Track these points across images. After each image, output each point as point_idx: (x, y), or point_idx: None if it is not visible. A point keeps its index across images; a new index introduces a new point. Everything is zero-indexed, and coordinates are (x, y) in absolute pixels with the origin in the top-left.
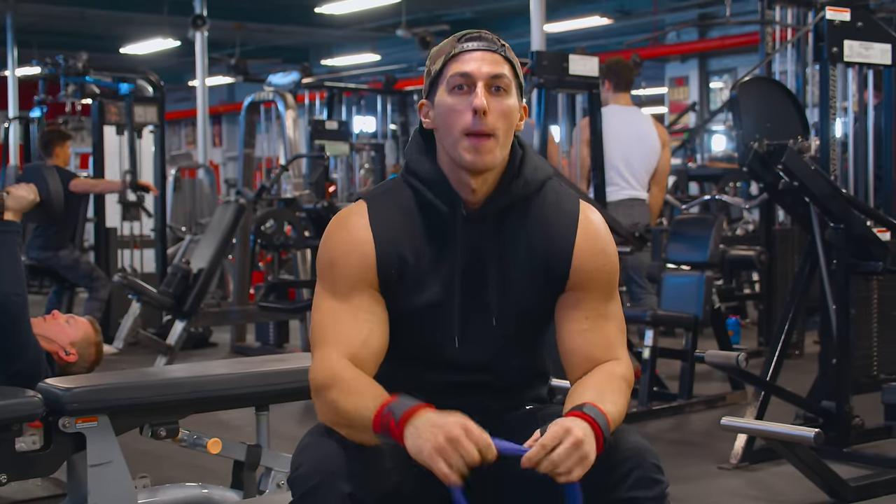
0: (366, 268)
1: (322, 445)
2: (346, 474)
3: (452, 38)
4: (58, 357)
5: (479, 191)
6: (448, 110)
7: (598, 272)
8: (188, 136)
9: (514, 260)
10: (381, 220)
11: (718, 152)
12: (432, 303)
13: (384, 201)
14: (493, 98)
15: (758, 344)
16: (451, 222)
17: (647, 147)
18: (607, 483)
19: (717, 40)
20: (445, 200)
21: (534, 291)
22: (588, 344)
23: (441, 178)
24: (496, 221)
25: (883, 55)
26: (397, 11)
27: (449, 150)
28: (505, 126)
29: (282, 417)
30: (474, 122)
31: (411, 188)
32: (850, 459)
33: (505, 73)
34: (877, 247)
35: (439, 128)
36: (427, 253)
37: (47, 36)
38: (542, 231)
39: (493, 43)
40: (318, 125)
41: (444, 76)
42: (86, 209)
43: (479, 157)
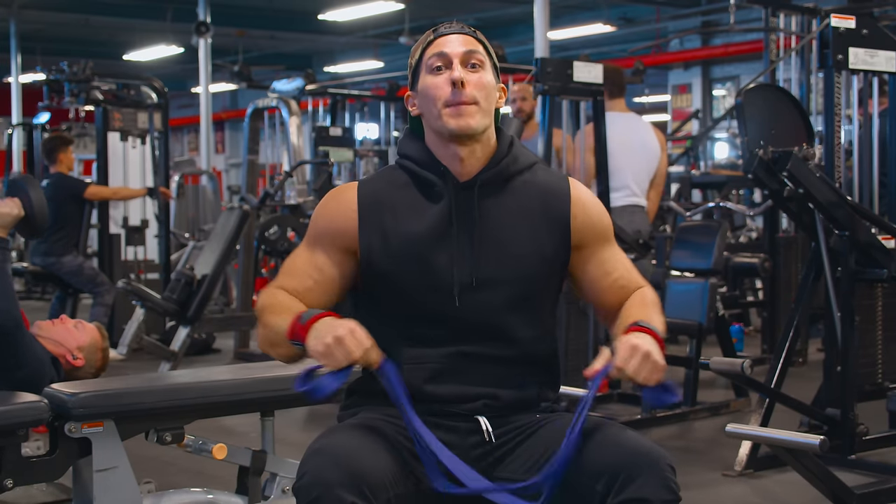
0: (346, 228)
1: (326, 455)
2: (350, 484)
3: (428, 32)
4: (64, 361)
5: (467, 163)
6: (429, 88)
7: (597, 223)
8: (191, 142)
9: (510, 221)
10: (369, 192)
11: (721, 160)
12: (426, 262)
13: (376, 180)
14: (470, 73)
15: (761, 351)
16: (443, 191)
17: (649, 153)
18: (620, 483)
19: (720, 48)
20: (434, 172)
21: (534, 248)
22: (618, 282)
23: (430, 154)
24: (489, 190)
25: (888, 62)
26: (400, 19)
27: (434, 124)
28: (484, 96)
29: (287, 423)
30: (454, 94)
31: (403, 168)
32: (854, 467)
33: (478, 49)
34: (882, 254)
35: (424, 109)
36: (416, 216)
37: (51, 43)
38: (537, 194)
39: (465, 28)
40: (322, 131)
41: (423, 62)
42: (90, 215)
43: (461, 120)
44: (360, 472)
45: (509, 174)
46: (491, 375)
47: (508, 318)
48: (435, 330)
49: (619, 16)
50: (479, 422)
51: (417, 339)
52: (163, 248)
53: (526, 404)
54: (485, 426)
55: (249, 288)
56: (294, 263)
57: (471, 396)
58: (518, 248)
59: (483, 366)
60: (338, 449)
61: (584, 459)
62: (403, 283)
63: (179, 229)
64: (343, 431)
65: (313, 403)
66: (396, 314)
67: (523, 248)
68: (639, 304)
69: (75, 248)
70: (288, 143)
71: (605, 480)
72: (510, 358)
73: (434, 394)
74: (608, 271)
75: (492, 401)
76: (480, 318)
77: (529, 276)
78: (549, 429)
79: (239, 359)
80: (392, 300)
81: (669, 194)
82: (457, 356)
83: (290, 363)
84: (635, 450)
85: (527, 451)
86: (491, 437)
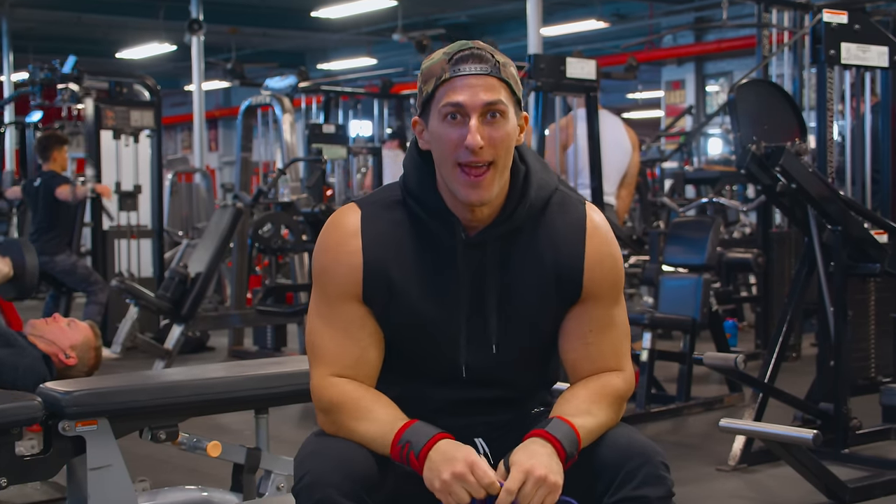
0: (353, 280)
1: (325, 455)
2: (350, 489)
3: (444, 58)
4: (57, 360)
5: (478, 212)
6: (441, 140)
7: (607, 279)
8: (184, 140)
9: (520, 279)
10: (372, 233)
11: (715, 155)
12: (431, 322)
13: (379, 213)
14: (489, 126)
15: (755, 347)
16: (452, 248)
17: (620, 151)
18: (616, 481)
19: (713, 44)
20: (445, 226)
21: (544, 308)
22: (590, 357)
23: (439, 203)
24: (499, 244)
25: (880, 58)
26: (393, 15)
27: (445, 178)
28: (503, 152)
29: (281, 420)
30: (468, 155)
31: (408, 210)
32: (848, 461)
33: (500, 98)
34: (874, 249)
35: (434, 153)
36: (421, 271)
37: (43, 41)
38: (550, 247)
39: (487, 63)
40: (315, 129)
41: (435, 101)
42: (82, 214)
43: (474, 193)
44: (360, 474)
45: (522, 224)
46: (490, 411)
47: (514, 374)
48: (437, 385)
49: (612, 12)
50: (477, 444)
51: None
52: (156, 247)
53: (523, 417)
54: (483, 448)
55: (243, 286)
56: (329, 335)
57: (469, 424)
58: (527, 310)
59: (483, 406)
60: (334, 450)
61: (582, 458)
62: (407, 340)
63: (173, 227)
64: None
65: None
66: (397, 368)
67: (533, 311)
68: (588, 393)
69: (68, 246)
70: (281, 141)
71: (602, 479)
72: (511, 398)
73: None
74: (591, 339)
75: (489, 424)
76: (485, 373)
77: (537, 334)
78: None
79: (233, 357)
80: (393, 356)
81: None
82: (457, 402)
83: None
84: (630, 447)
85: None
86: (489, 458)
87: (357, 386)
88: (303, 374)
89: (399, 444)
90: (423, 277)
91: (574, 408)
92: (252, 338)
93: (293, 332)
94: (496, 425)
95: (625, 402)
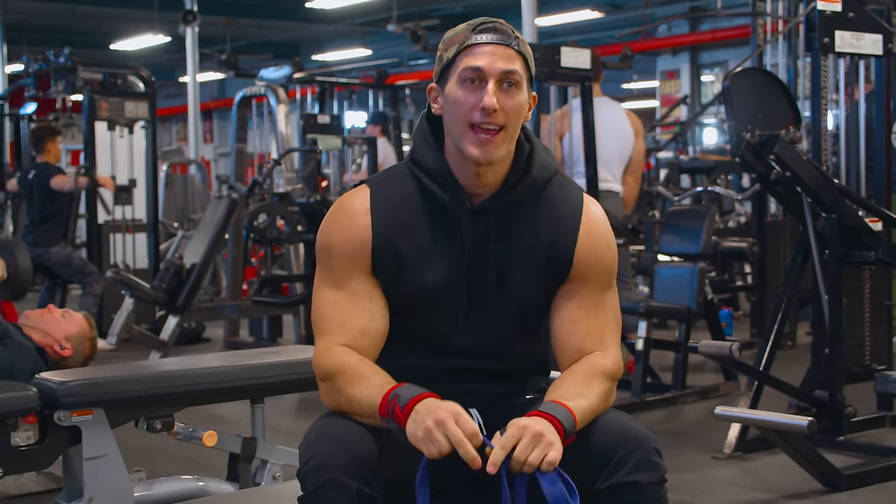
0: (362, 254)
1: (331, 439)
2: (356, 471)
3: (467, 27)
4: (52, 351)
5: (485, 183)
6: (457, 102)
7: (598, 265)
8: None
9: (517, 253)
10: (382, 206)
11: (710, 145)
12: (434, 291)
13: (387, 188)
14: (504, 94)
15: (750, 335)
16: (456, 214)
17: (620, 138)
18: (609, 467)
19: (708, 33)
20: (450, 193)
21: (535, 284)
22: (578, 333)
23: (446, 170)
24: (501, 215)
25: (874, 45)
26: (388, 6)
27: (456, 140)
28: (514, 120)
29: (277, 410)
30: (482, 117)
31: (416, 178)
32: (842, 448)
33: (517, 68)
34: (869, 237)
35: (447, 116)
36: (428, 242)
37: (37, 33)
38: (547, 224)
39: (508, 36)
40: (310, 119)
41: (455, 66)
42: (77, 205)
43: (485, 152)
44: (364, 457)
45: (524, 197)
46: (485, 382)
47: (509, 342)
48: (434, 348)
49: (606, 2)
50: (472, 413)
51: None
52: (151, 239)
53: (516, 393)
54: (477, 419)
55: (239, 277)
56: (335, 307)
57: (463, 391)
58: (522, 282)
59: (479, 376)
60: (341, 433)
61: (574, 444)
62: (410, 310)
63: (168, 219)
64: (343, 419)
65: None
66: (398, 337)
67: (526, 283)
68: (577, 375)
69: (63, 238)
70: (276, 132)
71: (594, 465)
72: (506, 371)
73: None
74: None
75: (484, 395)
76: (480, 345)
77: (530, 308)
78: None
79: (229, 347)
80: (394, 326)
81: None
82: (454, 370)
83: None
84: (622, 433)
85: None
86: (483, 430)
87: (358, 356)
88: (298, 364)
89: (387, 399)
90: (428, 247)
91: (566, 391)
92: (248, 329)
93: (289, 322)
94: (491, 399)
95: (615, 382)
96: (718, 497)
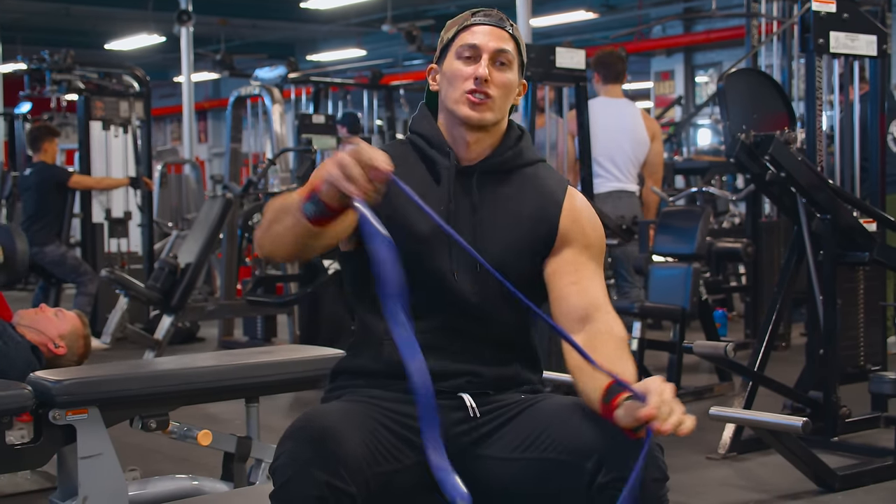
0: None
1: (302, 435)
2: (325, 464)
3: (467, 12)
4: (46, 350)
5: (473, 148)
6: (454, 73)
7: (584, 238)
8: (174, 132)
9: (502, 213)
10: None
11: (704, 146)
12: (425, 235)
13: (386, 149)
14: (496, 70)
15: (744, 336)
16: (445, 171)
17: (634, 139)
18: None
19: (702, 34)
20: (441, 152)
21: (519, 246)
22: (581, 293)
23: (439, 134)
24: (488, 178)
25: (868, 46)
26: (383, 6)
27: (449, 106)
28: (503, 94)
29: (271, 410)
30: (476, 84)
31: (412, 144)
32: (837, 449)
33: (509, 49)
34: (863, 237)
35: (443, 89)
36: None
37: (31, 32)
38: (533, 193)
39: (503, 21)
40: (305, 119)
41: (454, 44)
42: (72, 205)
43: (474, 111)
44: (336, 451)
45: (510, 167)
46: (474, 353)
47: (496, 299)
48: (424, 300)
49: (601, 2)
50: (463, 399)
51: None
52: (146, 238)
53: (507, 382)
54: (469, 402)
55: (233, 276)
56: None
57: (454, 373)
58: (507, 236)
59: (467, 343)
60: (314, 430)
61: (574, 438)
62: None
63: (163, 218)
64: (320, 412)
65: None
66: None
67: (510, 239)
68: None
69: (58, 237)
70: (271, 132)
71: (595, 459)
72: (493, 338)
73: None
74: (576, 279)
75: (474, 377)
76: (470, 294)
77: (514, 265)
78: (537, 409)
79: (223, 347)
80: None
81: None
82: (442, 331)
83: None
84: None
85: (513, 430)
86: (475, 413)
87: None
88: (293, 364)
89: (307, 191)
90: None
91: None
92: (242, 328)
93: (283, 322)
94: (480, 382)
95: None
96: (713, 497)
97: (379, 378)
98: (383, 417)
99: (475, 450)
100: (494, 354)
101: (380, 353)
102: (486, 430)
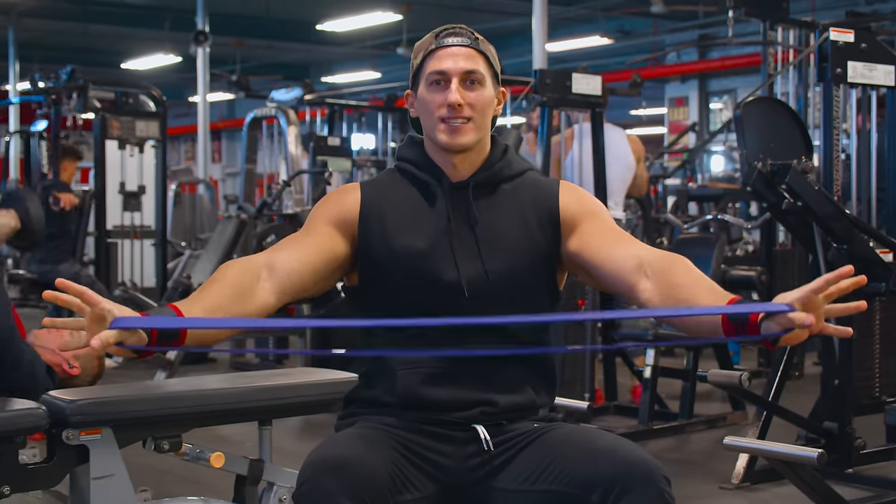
0: (349, 218)
1: (326, 463)
2: (350, 493)
3: (431, 35)
4: (60, 370)
5: (460, 167)
6: (427, 102)
7: (590, 208)
8: (188, 151)
9: (501, 219)
10: (371, 186)
11: (718, 173)
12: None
13: (378, 181)
14: (468, 90)
15: (758, 364)
16: (437, 190)
17: (622, 164)
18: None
19: (717, 61)
20: (431, 174)
21: (525, 245)
22: (622, 248)
23: (426, 158)
24: (482, 191)
25: (886, 76)
26: (398, 29)
27: (429, 134)
28: (479, 112)
29: (284, 432)
30: (449, 112)
31: (402, 171)
32: (852, 481)
33: (478, 68)
34: (880, 268)
35: (421, 116)
36: (414, 211)
37: (49, 51)
38: (528, 193)
39: (468, 37)
40: (320, 141)
41: (423, 72)
42: (86, 223)
43: (453, 137)
44: (361, 479)
45: (501, 178)
46: (487, 379)
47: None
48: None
49: (616, 28)
50: (477, 431)
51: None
52: (159, 257)
53: (523, 410)
54: (483, 435)
55: None
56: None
57: (468, 403)
58: (511, 241)
59: (480, 368)
60: (338, 457)
61: (579, 469)
62: (402, 277)
63: (176, 238)
64: (342, 440)
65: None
66: (394, 310)
67: (516, 242)
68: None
69: (72, 255)
70: (286, 153)
71: (601, 492)
72: (507, 357)
73: (430, 398)
74: (605, 239)
75: (489, 407)
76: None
77: (524, 267)
78: (548, 439)
79: (235, 368)
80: (390, 295)
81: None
82: (453, 358)
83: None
84: (631, 461)
85: (523, 460)
86: (489, 447)
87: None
88: (307, 386)
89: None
90: (415, 215)
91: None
92: None
93: (295, 344)
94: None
95: None
96: None
97: (393, 408)
98: (400, 447)
99: (490, 481)
100: (509, 377)
101: (394, 385)
102: (499, 463)
